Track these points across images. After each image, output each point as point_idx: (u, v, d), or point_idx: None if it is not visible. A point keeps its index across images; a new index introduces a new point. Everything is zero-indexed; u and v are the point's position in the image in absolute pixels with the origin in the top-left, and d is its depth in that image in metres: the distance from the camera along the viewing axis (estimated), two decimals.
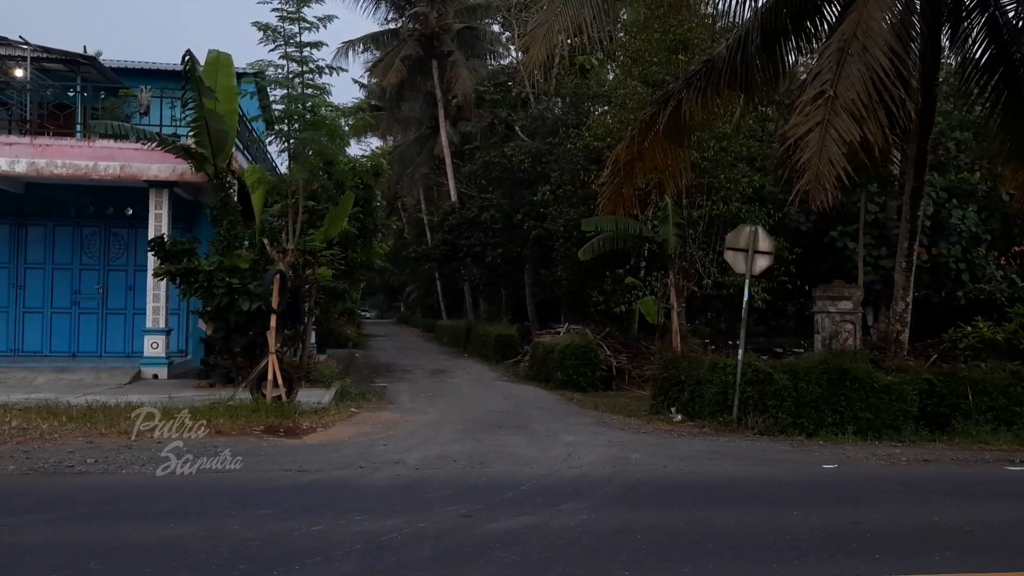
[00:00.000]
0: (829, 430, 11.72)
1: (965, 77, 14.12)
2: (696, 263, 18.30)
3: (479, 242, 27.20)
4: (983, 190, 19.70)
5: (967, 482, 9.06)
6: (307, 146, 14.98)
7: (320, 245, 15.56)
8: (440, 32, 30.59)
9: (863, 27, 10.49)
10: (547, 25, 12.03)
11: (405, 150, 36.45)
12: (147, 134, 14.97)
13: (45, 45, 18.23)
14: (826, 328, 13.84)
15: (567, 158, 22.36)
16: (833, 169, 9.63)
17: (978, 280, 19.60)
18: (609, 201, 14.21)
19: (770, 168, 19.00)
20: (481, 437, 11.02)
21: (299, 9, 14.06)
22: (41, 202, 17.72)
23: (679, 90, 13.45)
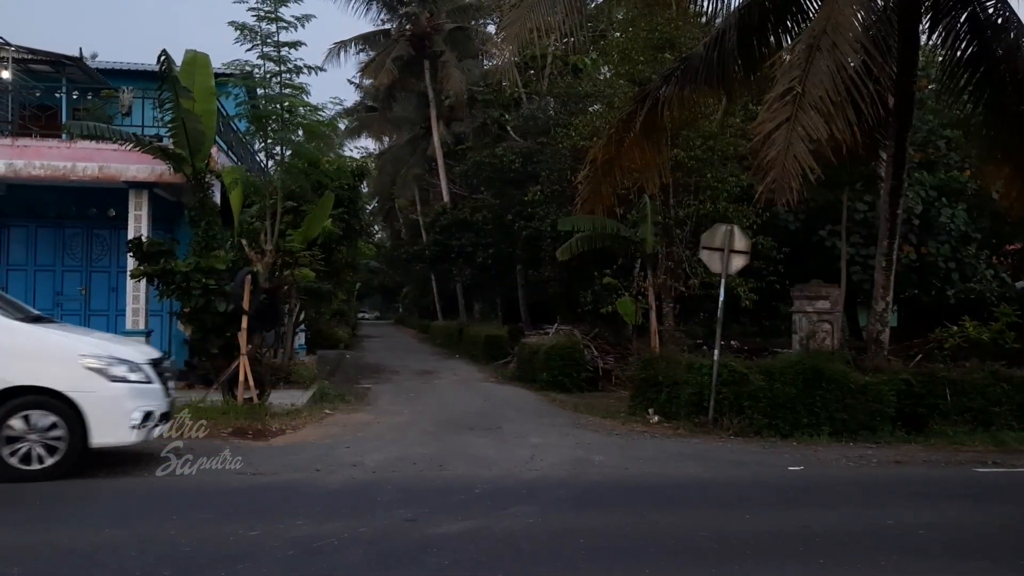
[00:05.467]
0: (804, 431, 11.59)
1: (949, 74, 13.95)
2: (684, 263, 18.17)
3: (471, 242, 27.14)
4: (973, 188, 19.49)
5: (933, 484, 8.93)
6: (285, 146, 14.95)
7: (300, 246, 15.49)
8: (432, 32, 30.51)
9: (833, 23, 10.37)
10: (518, 24, 11.94)
11: (399, 151, 36.40)
12: (124, 135, 14.90)
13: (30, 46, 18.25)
14: (803, 328, 13.73)
15: (555, 158, 22.27)
16: (799, 167, 9.50)
17: (968, 279, 19.41)
18: (587, 200, 14.11)
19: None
20: (447, 439, 10.92)
21: (276, 8, 13.99)
22: (23, 203, 17.66)
23: (656, 88, 13.34)
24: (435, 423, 12.33)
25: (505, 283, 29.13)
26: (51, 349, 8.29)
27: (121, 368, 8.30)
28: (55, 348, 8.32)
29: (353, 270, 22.50)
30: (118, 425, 8.17)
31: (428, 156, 33.76)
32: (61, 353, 8.26)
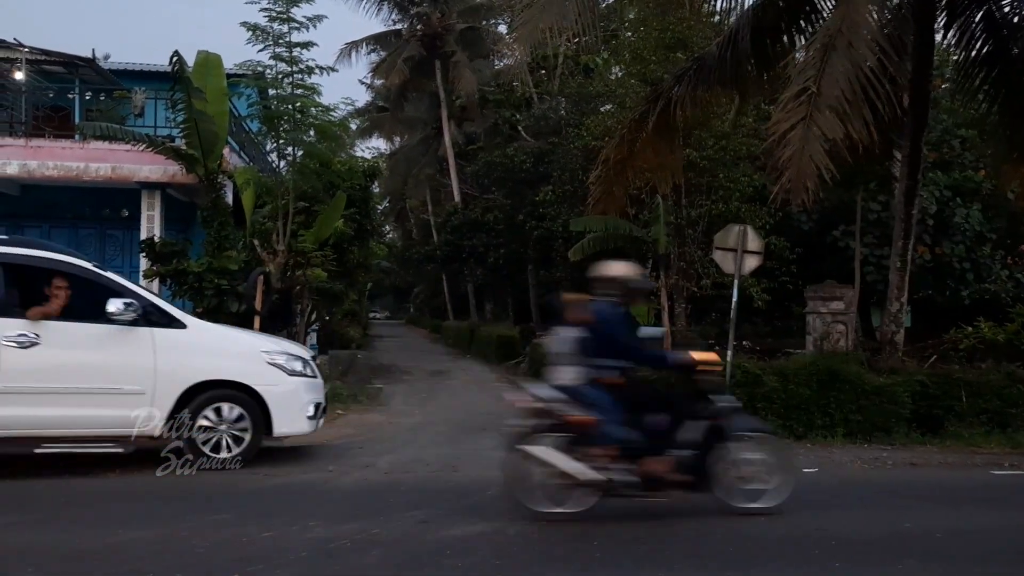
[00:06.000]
0: (819, 432, 11.51)
1: (964, 73, 13.85)
2: (696, 263, 18.11)
3: (482, 243, 27.10)
4: (988, 188, 19.34)
5: (949, 487, 8.84)
6: (297, 146, 14.96)
7: (312, 246, 15.50)
8: (443, 32, 30.49)
9: (849, 22, 10.28)
10: (531, 24, 11.89)
11: (410, 151, 36.40)
12: (137, 135, 14.95)
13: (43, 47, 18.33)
14: (817, 329, 13.63)
15: (567, 158, 22.22)
16: (815, 167, 9.43)
17: (983, 280, 19.27)
18: (599, 201, 14.04)
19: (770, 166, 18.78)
20: (461, 440, 10.90)
21: (288, 9, 14.01)
22: (37, 204, 17.73)
23: (669, 88, 13.27)
24: (448, 424, 12.30)
25: (517, 283, 29.09)
26: (239, 346, 9.10)
27: (297, 364, 9.07)
28: (242, 345, 9.15)
29: (365, 270, 22.50)
30: (296, 417, 8.92)
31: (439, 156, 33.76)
32: (247, 350, 9.04)
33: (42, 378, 8.13)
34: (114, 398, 8.31)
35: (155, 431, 8.42)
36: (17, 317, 8.15)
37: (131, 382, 8.36)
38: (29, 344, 8.09)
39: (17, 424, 8.10)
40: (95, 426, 8.29)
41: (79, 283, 8.54)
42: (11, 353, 8.04)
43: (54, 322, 8.29)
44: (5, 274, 8.26)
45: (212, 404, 8.56)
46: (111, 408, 8.30)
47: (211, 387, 8.60)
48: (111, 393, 8.31)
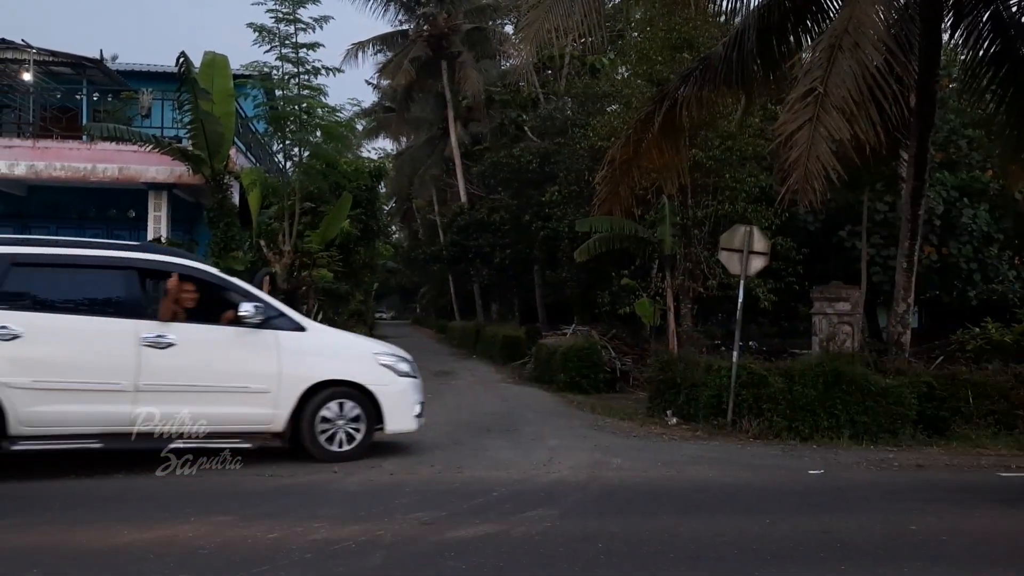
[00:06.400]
0: (824, 434, 11.48)
1: (972, 73, 13.81)
2: (702, 263, 18.08)
3: (488, 243, 27.09)
4: (995, 188, 19.29)
5: (955, 489, 8.80)
6: (303, 147, 15.00)
7: (318, 247, 15.54)
8: (449, 33, 30.48)
9: (855, 23, 10.27)
10: (537, 24, 11.90)
11: (416, 151, 36.41)
12: (144, 136, 15.01)
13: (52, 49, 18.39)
14: (823, 330, 13.60)
15: (573, 158, 22.21)
16: (822, 168, 9.42)
17: (990, 280, 19.22)
18: (605, 201, 14.03)
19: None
20: (465, 440, 10.89)
21: (294, 10, 14.04)
22: (44, 205, 17.82)
23: (675, 89, 13.26)
24: (453, 424, 12.30)
25: (523, 284, 29.08)
26: (353, 348, 9.65)
27: (404, 365, 9.65)
28: (356, 347, 9.71)
29: (371, 271, 22.55)
30: (405, 415, 9.50)
31: (446, 156, 33.76)
32: (360, 352, 9.59)
33: (179, 377, 8.53)
34: (242, 396, 8.79)
35: (278, 428, 8.90)
36: (152, 319, 8.60)
37: (258, 381, 8.84)
38: (166, 345, 8.50)
39: (158, 421, 8.44)
40: (226, 423, 8.72)
41: (207, 287, 9.03)
42: (151, 353, 8.45)
43: (187, 324, 8.75)
44: (140, 279, 8.75)
45: (330, 401, 9.05)
46: (240, 406, 8.79)
47: (329, 386, 9.06)
48: (240, 392, 8.79)
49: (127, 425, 8.32)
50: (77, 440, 8.29)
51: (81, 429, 8.28)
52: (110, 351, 8.37)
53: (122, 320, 8.48)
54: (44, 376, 8.13)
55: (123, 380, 8.33)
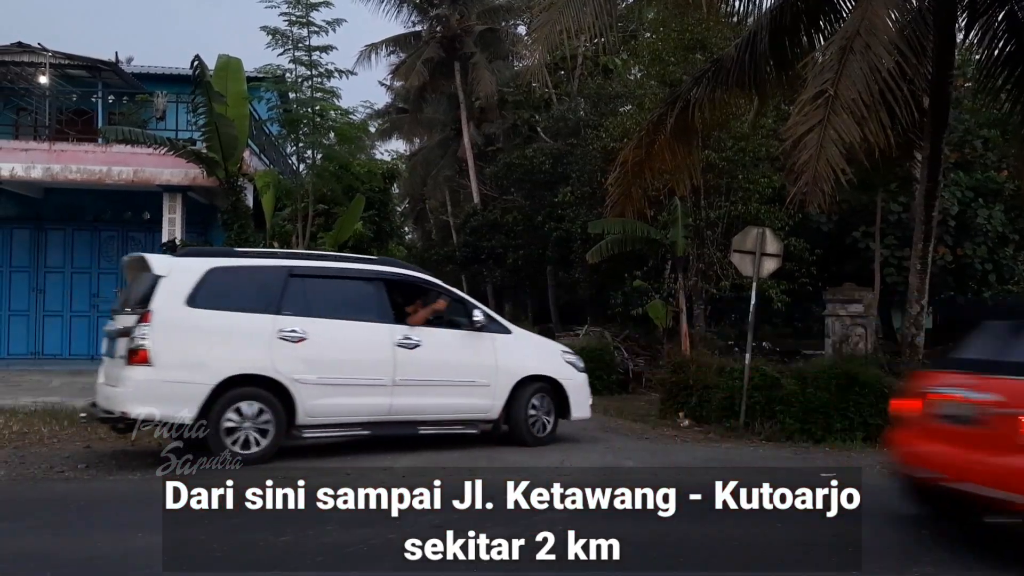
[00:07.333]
0: (837, 437, 11.45)
1: (986, 73, 13.74)
2: (715, 265, 18.07)
3: (501, 244, 27.07)
4: (1011, 189, 19.20)
5: None
6: (316, 149, 15.07)
7: (331, 248, 15.58)
8: (462, 34, 30.48)
9: (867, 24, 10.22)
10: (548, 26, 11.91)
11: (429, 152, 36.39)
12: (158, 139, 15.10)
13: (67, 52, 18.51)
14: (836, 332, 13.59)
15: (586, 159, 22.20)
16: (831, 170, 9.40)
17: (1005, 281, 19.13)
18: (617, 203, 14.01)
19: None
20: (478, 443, 10.89)
21: (307, 13, 14.12)
22: (60, 207, 17.96)
23: (687, 90, 13.23)
24: None
25: (535, 284, 29.09)
26: (546, 348, 11.27)
27: (580, 362, 11.21)
28: (548, 347, 11.36)
29: None
30: (584, 405, 10.95)
31: (459, 157, 33.75)
32: (552, 350, 11.17)
33: (424, 373, 9.86)
34: (470, 389, 10.18)
35: (494, 416, 10.30)
36: (401, 324, 9.93)
37: (481, 377, 10.19)
38: (414, 346, 9.82)
39: (408, 411, 9.86)
40: (457, 412, 10.15)
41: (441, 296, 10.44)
42: (403, 353, 9.76)
43: (427, 328, 10.08)
44: (387, 288, 10.01)
45: (537, 395, 10.43)
46: (467, 397, 10.18)
47: (533, 381, 10.42)
48: (468, 385, 10.18)
49: (386, 415, 9.73)
50: (348, 429, 9.70)
51: (352, 419, 9.62)
52: (374, 351, 9.69)
53: (379, 324, 9.77)
54: (326, 373, 9.32)
55: (384, 376, 9.65)
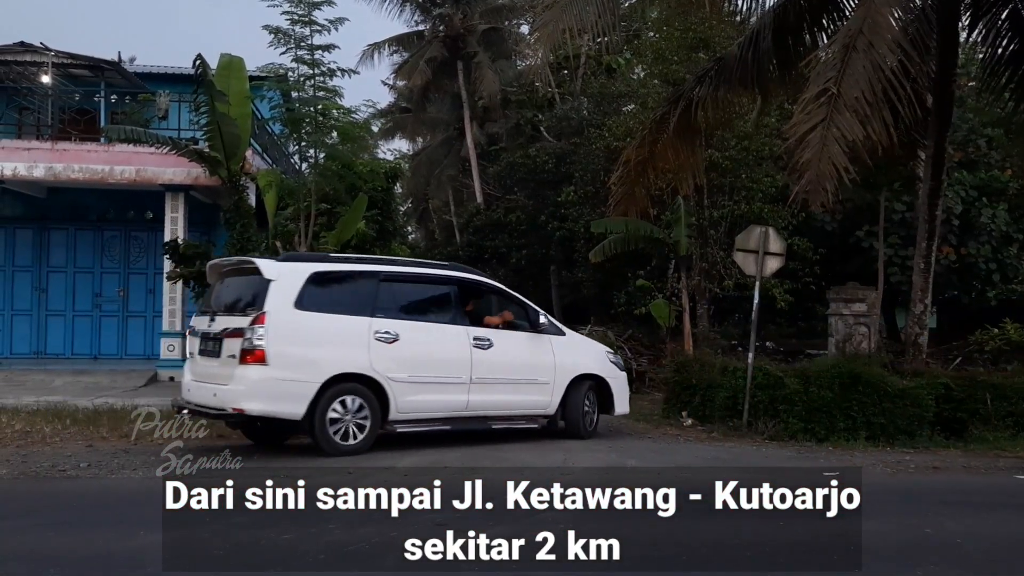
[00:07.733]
0: (841, 436, 11.44)
1: (990, 72, 13.71)
2: (718, 264, 18.04)
3: (504, 243, 27.05)
4: (1015, 188, 19.16)
5: (973, 491, 8.78)
6: (319, 148, 15.05)
7: (334, 248, 15.56)
8: (465, 34, 30.44)
9: (870, 22, 10.22)
10: (551, 25, 11.90)
11: (432, 152, 36.36)
12: (161, 138, 15.08)
13: (70, 51, 18.52)
14: (839, 331, 13.55)
15: (589, 159, 22.17)
16: (834, 169, 9.38)
17: (1009, 281, 19.09)
18: (620, 202, 14.01)
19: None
20: (481, 442, 10.89)
21: (310, 12, 14.09)
22: (63, 207, 17.97)
23: (690, 89, 13.23)
24: None
25: (539, 284, 29.02)
26: (593, 348, 11.94)
27: (621, 362, 12.14)
28: (595, 347, 12.04)
29: None
30: (624, 401, 11.69)
31: (462, 157, 33.73)
32: (598, 351, 11.86)
33: (495, 371, 10.43)
34: (532, 387, 10.78)
35: (551, 411, 10.91)
36: (473, 325, 10.51)
37: (542, 375, 10.78)
38: (487, 346, 10.42)
39: (482, 407, 10.42)
40: (521, 407, 10.79)
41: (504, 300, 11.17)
42: (478, 352, 10.33)
43: (497, 329, 10.69)
44: (460, 291, 10.60)
45: (589, 391, 11.16)
46: (530, 394, 10.80)
47: (584, 379, 11.08)
48: (531, 383, 10.77)
49: (464, 410, 10.28)
50: (432, 424, 10.21)
51: (436, 414, 10.17)
52: (454, 351, 10.21)
53: (458, 326, 10.37)
54: (415, 372, 9.88)
55: (463, 374, 10.21)
